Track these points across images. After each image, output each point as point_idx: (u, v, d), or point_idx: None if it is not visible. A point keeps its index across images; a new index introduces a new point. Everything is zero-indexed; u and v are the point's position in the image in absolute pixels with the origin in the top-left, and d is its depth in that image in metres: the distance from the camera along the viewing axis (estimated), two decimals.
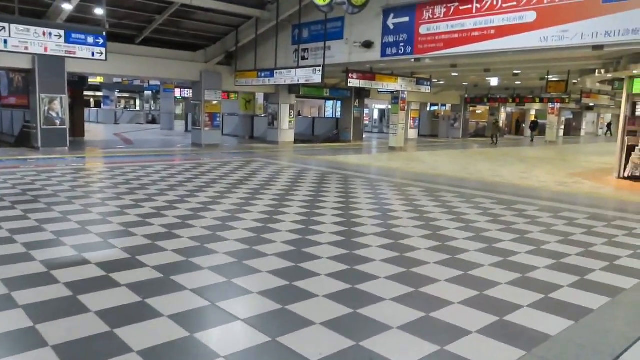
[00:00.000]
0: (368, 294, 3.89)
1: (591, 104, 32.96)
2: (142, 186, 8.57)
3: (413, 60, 12.65)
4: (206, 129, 18.63)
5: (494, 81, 19.19)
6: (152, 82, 38.57)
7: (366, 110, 36.18)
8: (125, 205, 6.93)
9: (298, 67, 14.85)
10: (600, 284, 4.28)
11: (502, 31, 10.59)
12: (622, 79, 12.47)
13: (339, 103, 28.97)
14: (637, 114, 11.84)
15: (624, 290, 4.13)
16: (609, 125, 44.37)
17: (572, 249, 5.37)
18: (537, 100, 27.54)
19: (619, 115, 40.15)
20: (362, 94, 24.42)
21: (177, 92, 34.37)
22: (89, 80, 26.73)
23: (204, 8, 14.24)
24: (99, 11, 13.17)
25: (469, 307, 3.67)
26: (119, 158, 13.60)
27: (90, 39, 11.64)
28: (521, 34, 10.31)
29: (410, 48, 12.33)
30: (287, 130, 20.93)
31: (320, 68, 14.06)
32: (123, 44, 15.98)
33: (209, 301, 3.66)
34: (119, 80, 39.76)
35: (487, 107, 34.87)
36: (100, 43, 11.79)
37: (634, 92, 11.74)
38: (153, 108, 43.40)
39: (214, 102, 18.72)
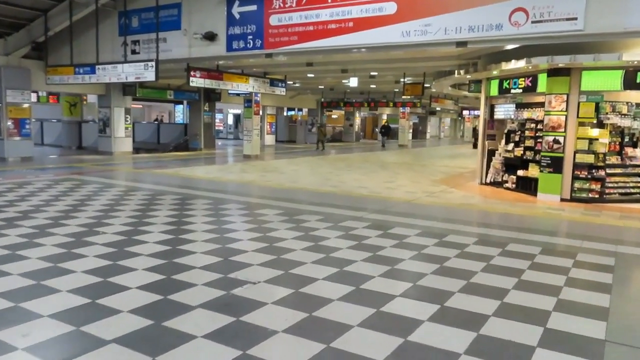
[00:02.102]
0: None
1: (438, 108, 34.70)
2: None
3: (264, 55, 10.89)
4: (15, 138, 14.89)
5: (353, 81, 18.24)
6: None
7: (220, 115, 33.78)
8: None
9: (125, 62, 12.14)
10: None
11: (361, 24, 9.36)
12: (479, 81, 12.07)
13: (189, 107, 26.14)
14: (495, 117, 11.49)
15: None
16: (474, 129, 46.86)
17: (484, 302, 3.91)
18: (391, 104, 27.81)
19: (459, 120, 43.05)
20: (212, 96, 22.10)
21: None
22: None
23: None
24: None
25: None
26: None
27: None
28: (382, 27, 9.17)
29: (260, 41, 10.59)
30: (122, 138, 17.82)
31: (154, 63, 11.59)
32: None
33: None
34: None
35: (343, 112, 34.78)
36: None
37: (491, 94, 11.38)
38: None
39: (24, 105, 15.01)
